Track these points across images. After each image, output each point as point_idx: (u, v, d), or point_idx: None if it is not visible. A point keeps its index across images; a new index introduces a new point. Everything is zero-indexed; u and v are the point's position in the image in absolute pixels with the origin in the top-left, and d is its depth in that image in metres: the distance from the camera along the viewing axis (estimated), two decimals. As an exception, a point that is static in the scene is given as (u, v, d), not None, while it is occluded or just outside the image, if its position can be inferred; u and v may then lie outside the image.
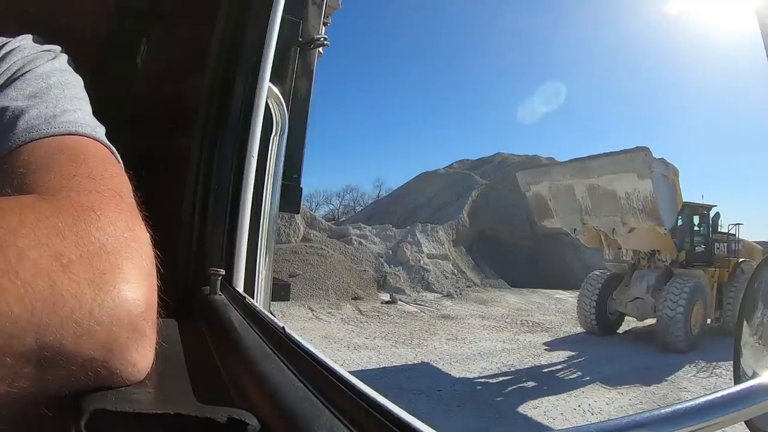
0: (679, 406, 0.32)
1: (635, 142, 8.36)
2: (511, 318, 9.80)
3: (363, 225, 14.49)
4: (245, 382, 0.39)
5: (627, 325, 8.92)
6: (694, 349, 7.31)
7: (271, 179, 1.03)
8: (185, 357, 0.48)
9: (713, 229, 9.21)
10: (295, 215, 11.07)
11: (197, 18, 1.08)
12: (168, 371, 0.39)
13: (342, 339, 7.53)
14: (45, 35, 0.54)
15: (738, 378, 0.62)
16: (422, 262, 12.35)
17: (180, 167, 0.96)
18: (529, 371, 6.57)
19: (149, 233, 0.38)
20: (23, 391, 0.28)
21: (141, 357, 0.34)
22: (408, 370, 6.22)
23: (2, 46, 0.50)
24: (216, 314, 0.64)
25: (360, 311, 9.41)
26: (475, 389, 5.79)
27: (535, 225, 11.17)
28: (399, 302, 10.28)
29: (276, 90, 0.99)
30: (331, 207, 24.89)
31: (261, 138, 0.94)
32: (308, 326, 7.99)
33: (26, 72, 0.48)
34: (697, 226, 9.08)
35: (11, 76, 0.47)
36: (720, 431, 0.33)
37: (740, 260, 8.98)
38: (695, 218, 9.07)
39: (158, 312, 0.37)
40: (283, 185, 1.08)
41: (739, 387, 0.37)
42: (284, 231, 11.66)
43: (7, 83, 0.46)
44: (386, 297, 10.52)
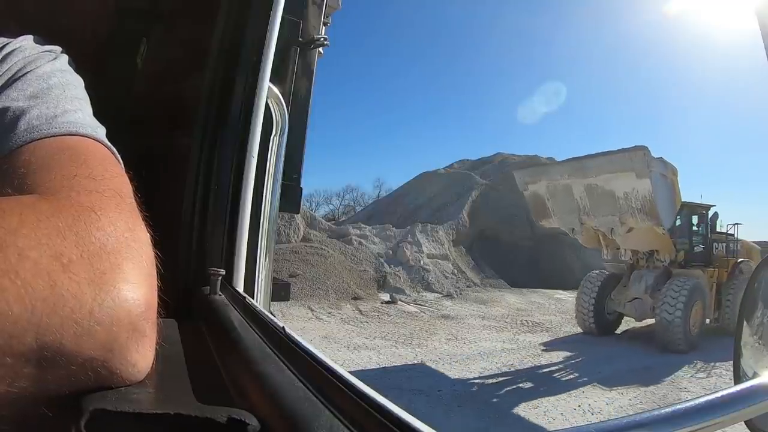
0: (679, 406, 0.32)
1: (635, 142, 8.36)
2: (511, 318, 9.80)
3: (363, 225, 14.48)
4: (245, 382, 0.39)
5: (626, 325, 8.90)
6: (693, 350, 7.28)
7: (271, 179, 1.03)
8: (185, 357, 0.48)
9: (712, 229, 9.15)
10: (295, 215, 11.07)
11: (197, 18, 1.08)
12: (168, 371, 0.39)
13: (342, 339, 7.53)
14: (45, 35, 0.54)
15: (738, 378, 0.62)
16: (422, 262, 12.35)
17: (180, 167, 0.96)
18: (529, 371, 6.57)
19: (149, 233, 0.38)
20: (23, 391, 0.28)
21: (141, 357, 0.34)
22: (408, 370, 6.22)
23: (3, 47, 0.50)
24: (216, 314, 0.64)
25: (360, 311, 9.41)
26: (475, 389, 5.79)
27: (535, 225, 11.13)
28: (399, 302, 10.27)
29: (276, 90, 1.00)
30: (331, 207, 24.89)
31: (261, 138, 0.94)
32: (308, 326, 7.99)
33: (27, 72, 0.48)
34: (696, 226, 9.01)
35: (12, 77, 0.47)
36: (720, 431, 0.33)
37: (739, 260, 8.93)
38: (694, 218, 9.01)
39: (158, 312, 0.37)
40: (283, 185, 1.08)
41: (739, 387, 0.37)
42: (284, 231, 11.66)
43: (8, 84, 0.47)
44: (386, 297, 10.52)
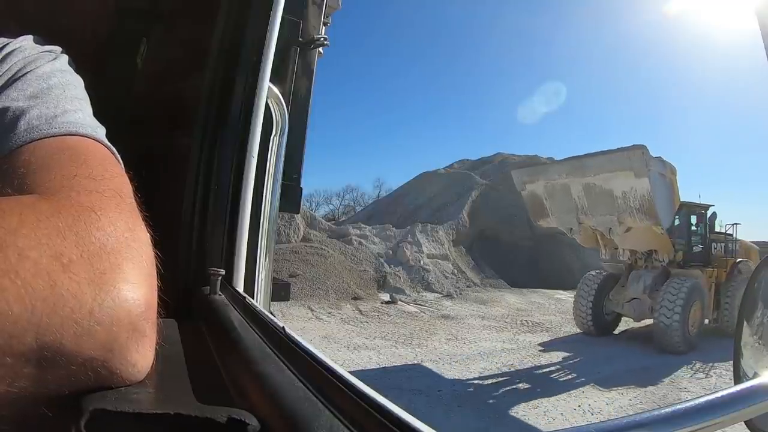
0: (679, 406, 0.32)
1: (635, 142, 8.23)
2: (511, 318, 9.80)
3: (363, 225, 14.48)
4: (245, 382, 0.39)
5: (625, 325, 8.89)
6: (692, 350, 7.25)
7: (271, 179, 1.03)
8: (185, 357, 0.48)
9: (710, 229, 9.09)
10: (295, 215, 11.07)
11: (197, 18, 1.08)
12: (168, 371, 0.39)
13: (342, 339, 7.52)
14: (45, 35, 0.54)
15: (738, 378, 0.62)
16: (422, 262, 12.35)
17: (180, 167, 0.96)
18: (529, 371, 6.57)
19: (149, 233, 0.38)
20: (23, 391, 0.28)
21: (141, 357, 0.34)
22: (408, 370, 6.22)
23: (3, 47, 0.50)
24: (216, 314, 0.64)
25: (360, 311, 9.41)
26: (475, 389, 5.79)
27: (536, 225, 11.12)
28: (399, 302, 10.27)
29: (276, 90, 1.00)
30: (331, 207, 24.90)
31: (261, 138, 0.94)
32: (308, 326, 7.99)
33: (27, 72, 0.48)
34: (695, 226, 8.94)
35: (12, 77, 0.47)
36: (720, 431, 0.33)
37: (738, 260, 8.87)
38: (693, 218, 8.93)
39: (158, 312, 0.37)
40: (283, 185, 1.08)
41: (739, 387, 0.37)
42: (284, 231, 11.66)
43: (8, 84, 0.47)
44: (386, 297, 10.52)
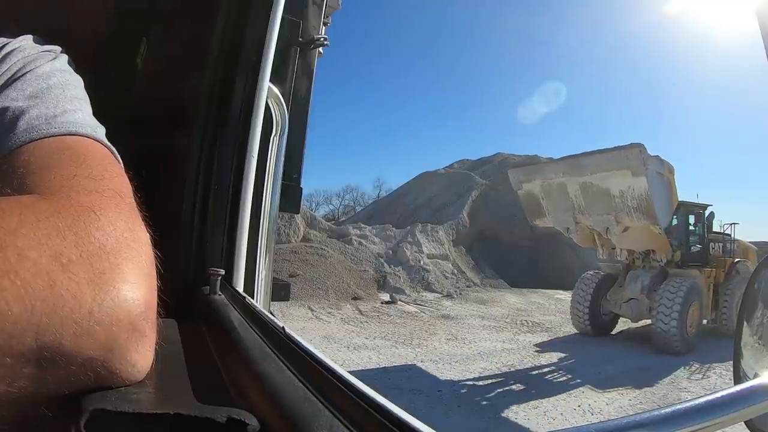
0: (679, 406, 0.32)
1: (634, 141, 8.24)
2: (511, 318, 9.79)
3: (363, 225, 14.48)
4: (245, 382, 0.39)
5: (624, 325, 8.87)
6: (691, 351, 7.21)
7: (271, 179, 1.03)
8: (185, 357, 0.48)
9: (708, 229, 9.02)
10: (295, 215, 11.07)
11: (197, 18, 1.08)
12: (168, 371, 0.39)
13: (342, 339, 7.52)
14: (45, 35, 0.54)
15: (738, 378, 0.62)
16: (422, 262, 12.35)
17: (180, 167, 0.96)
18: (529, 371, 6.57)
19: (149, 233, 0.38)
20: (23, 391, 0.28)
21: (141, 357, 0.34)
22: (408, 370, 6.22)
23: (3, 47, 0.50)
24: (216, 314, 0.64)
25: (360, 311, 9.41)
26: (475, 389, 5.79)
27: (532, 224, 11.08)
28: (399, 302, 10.27)
29: (276, 90, 1.00)
30: (331, 207, 24.89)
31: (261, 138, 0.94)
32: (308, 326, 7.99)
33: (27, 72, 0.48)
34: (693, 226, 8.85)
35: (12, 77, 0.47)
36: (720, 431, 0.33)
37: (736, 260, 8.80)
38: (691, 217, 8.85)
39: (158, 312, 0.37)
40: (283, 185, 1.08)
41: (739, 387, 0.37)
42: (284, 231, 11.66)
43: (8, 83, 0.47)
44: (386, 297, 10.52)
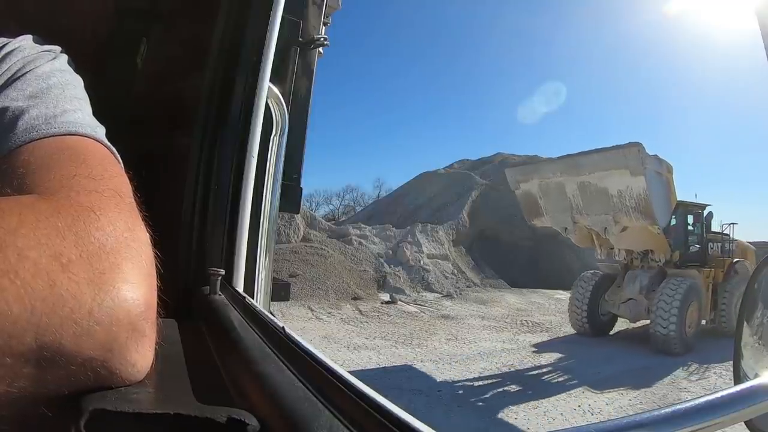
0: (679, 406, 0.32)
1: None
2: (511, 318, 9.79)
3: (363, 225, 14.48)
4: (245, 382, 0.39)
5: (623, 325, 8.86)
6: (689, 351, 7.17)
7: (271, 179, 1.03)
8: (185, 357, 0.48)
9: (707, 229, 8.96)
10: (295, 215, 11.07)
11: (197, 18, 1.08)
12: (168, 371, 0.39)
13: (342, 339, 7.53)
14: (45, 35, 0.54)
15: (738, 378, 0.62)
16: (422, 262, 12.34)
17: (180, 167, 0.96)
18: (529, 371, 6.57)
19: (149, 233, 0.38)
20: (23, 391, 0.28)
21: (140, 357, 0.34)
22: (408, 370, 6.22)
23: (2, 47, 0.50)
24: (216, 314, 0.64)
25: (360, 311, 9.41)
26: (475, 389, 5.79)
27: (530, 224, 11.04)
28: (399, 302, 10.27)
29: (276, 90, 1.00)
30: (331, 207, 24.86)
31: (261, 138, 0.94)
32: (308, 326, 7.99)
33: (26, 72, 0.48)
34: (692, 226, 8.79)
35: (11, 77, 0.47)
36: (720, 431, 0.33)
37: (735, 260, 8.73)
38: (689, 217, 8.79)
39: (158, 312, 0.37)
40: (283, 185, 1.08)
41: (739, 387, 0.37)
42: (284, 231, 11.66)
43: (8, 83, 0.47)
44: (386, 297, 10.52)
